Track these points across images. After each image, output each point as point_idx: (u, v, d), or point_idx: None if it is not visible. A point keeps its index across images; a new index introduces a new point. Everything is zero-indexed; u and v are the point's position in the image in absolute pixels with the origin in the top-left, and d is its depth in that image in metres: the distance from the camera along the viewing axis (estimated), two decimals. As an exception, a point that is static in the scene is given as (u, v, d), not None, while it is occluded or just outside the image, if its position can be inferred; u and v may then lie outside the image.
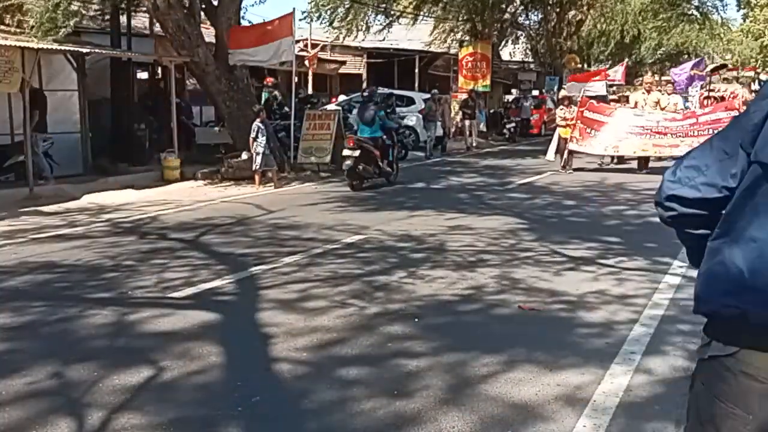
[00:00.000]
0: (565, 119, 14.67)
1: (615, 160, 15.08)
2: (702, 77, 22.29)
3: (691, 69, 21.54)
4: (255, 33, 14.43)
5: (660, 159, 14.11)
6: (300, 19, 23.64)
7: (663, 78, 24.44)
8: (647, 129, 13.47)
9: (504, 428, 3.25)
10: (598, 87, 18.38)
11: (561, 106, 15.25)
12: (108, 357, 4.16)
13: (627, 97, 16.38)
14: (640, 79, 22.89)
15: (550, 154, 15.52)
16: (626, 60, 25.42)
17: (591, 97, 15.52)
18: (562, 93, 16.41)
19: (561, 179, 13.04)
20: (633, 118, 13.83)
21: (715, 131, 10.13)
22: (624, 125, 13.65)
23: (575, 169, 14.13)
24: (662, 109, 14.41)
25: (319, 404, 3.51)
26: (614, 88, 24.22)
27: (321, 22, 24.72)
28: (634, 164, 14.43)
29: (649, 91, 14.91)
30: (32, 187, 11.07)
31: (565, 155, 14.23)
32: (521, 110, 24.64)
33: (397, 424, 3.29)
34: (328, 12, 24.24)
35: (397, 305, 5.17)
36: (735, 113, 12.54)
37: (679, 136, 13.10)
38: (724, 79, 34.72)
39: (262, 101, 16.10)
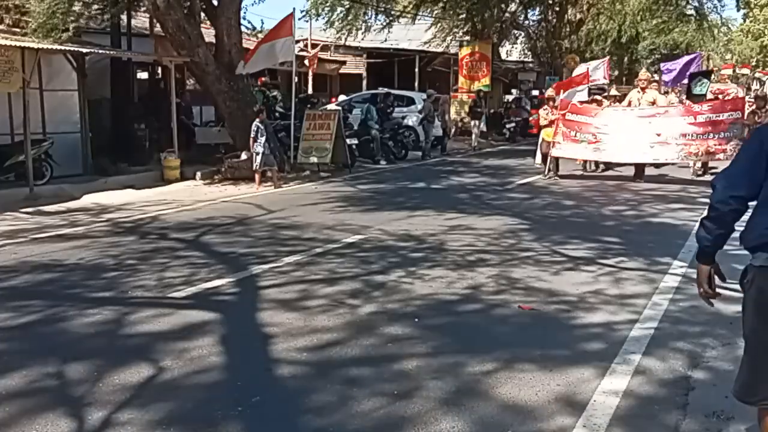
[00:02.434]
0: (548, 119, 13.48)
1: (601, 167, 14.15)
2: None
3: (685, 66, 21.02)
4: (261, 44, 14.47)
5: (656, 166, 13.10)
6: (299, 18, 23.68)
7: (662, 78, 24.01)
8: (638, 130, 12.18)
9: (503, 428, 3.25)
10: (584, 93, 17.49)
11: (545, 107, 13.94)
12: (108, 356, 4.16)
13: (616, 96, 15.27)
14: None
15: (537, 158, 14.56)
16: (609, 57, 24.78)
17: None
18: (548, 93, 15.54)
19: (561, 179, 13.01)
20: (622, 118, 12.58)
21: (715, 134, 10.04)
22: (612, 126, 12.43)
23: (561, 176, 13.02)
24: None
25: (319, 404, 3.51)
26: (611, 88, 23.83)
27: (318, 20, 24.70)
28: (623, 170, 13.33)
29: (644, 90, 13.30)
30: (32, 187, 11.08)
31: (548, 162, 13.22)
32: (521, 110, 24.44)
33: (397, 424, 3.29)
34: (327, 10, 24.18)
35: (397, 305, 5.17)
36: (738, 114, 12.14)
37: (674, 138, 12.02)
38: (723, 78, 34.56)
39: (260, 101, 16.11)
